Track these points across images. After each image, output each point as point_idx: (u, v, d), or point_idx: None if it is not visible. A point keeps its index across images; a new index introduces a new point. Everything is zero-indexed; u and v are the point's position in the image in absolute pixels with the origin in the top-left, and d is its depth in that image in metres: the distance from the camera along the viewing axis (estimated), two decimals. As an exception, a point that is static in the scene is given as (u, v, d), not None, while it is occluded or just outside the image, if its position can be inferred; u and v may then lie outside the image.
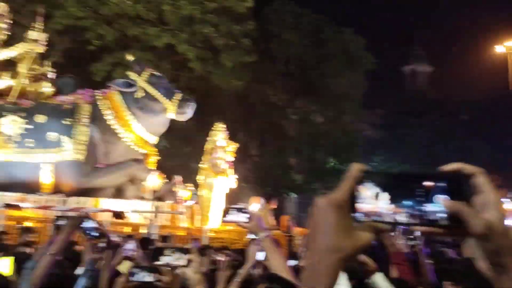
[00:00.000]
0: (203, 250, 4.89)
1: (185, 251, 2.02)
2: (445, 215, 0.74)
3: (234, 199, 12.89)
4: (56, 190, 9.64)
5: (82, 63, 13.92)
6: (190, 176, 11.97)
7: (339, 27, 23.70)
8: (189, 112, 10.42)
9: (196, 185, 11.87)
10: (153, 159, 10.84)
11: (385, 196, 0.78)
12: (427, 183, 0.76)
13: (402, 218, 0.75)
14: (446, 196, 0.75)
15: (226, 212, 2.29)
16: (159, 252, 2.00)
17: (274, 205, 11.58)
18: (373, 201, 0.78)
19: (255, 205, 11.00)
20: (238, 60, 16.52)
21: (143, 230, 8.79)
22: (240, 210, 2.23)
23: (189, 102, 10.35)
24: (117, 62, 16.39)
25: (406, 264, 3.16)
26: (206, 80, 17.24)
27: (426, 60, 48.20)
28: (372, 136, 38.65)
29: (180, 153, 17.53)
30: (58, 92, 10.60)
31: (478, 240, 0.73)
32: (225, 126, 11.03)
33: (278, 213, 12.59)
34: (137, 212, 9.37)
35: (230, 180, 10.77)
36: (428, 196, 0.76)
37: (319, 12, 23.34)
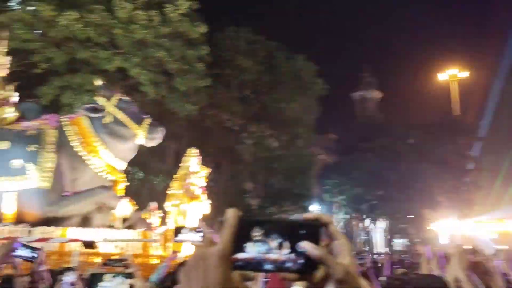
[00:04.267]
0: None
1: (127, 276, 1.85)
2: (301, 261, 0.80)
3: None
4: (19, 220, 9.06)
5: (28, 87, 13.36)
6: (144, 202, 11.61)
7: (292, 53, 24.30)
8: (158, 137, 10.20)
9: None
10: (122, 186, 10.44)
11: (287, 245, 0.83)
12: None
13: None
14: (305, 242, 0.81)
15: (178, 232, 2.20)
16: (97, 278, 1.82)
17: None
18: (278, 251, 0.82)
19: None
20: (191, 84, 16.47)
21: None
22: (193, 230, 2.19)
23: (159, 127, 10.16)
24: (65, 85, 15.91)
25: None
26: (160, 105, 17.03)
27: (375, 86, 50.19)
28: (325, 160, 39.42)
29: (133, 178, 17.04)
30: (22, 117, 10.08)
31: (337, 284, 0.78)
32: (198, 151, 10.94)
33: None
34: (109, 241, 8.98)
35: (204, 206, 10.62)
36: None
37: (272, 39, 23.89)
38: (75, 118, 10.01)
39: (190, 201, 10.33)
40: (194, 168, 10.66)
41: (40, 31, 15.60)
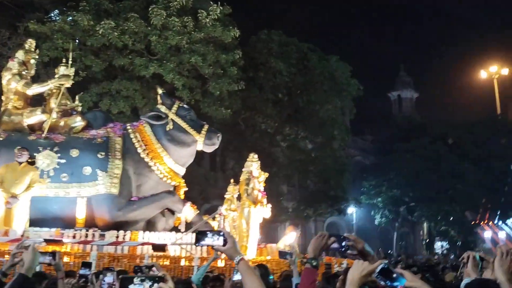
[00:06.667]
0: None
1: (157, 279, 1.83)
2: None
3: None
4: (89, 224, 9.45)
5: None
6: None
7: (325, 54, 24.06)
8: (217, 143, 10.58)
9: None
10: (183, 191, 10.83)
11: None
12: None
13: None
14: None
15: (200, 236, 2.14)
16: (127, 282, 1.81)
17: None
18: None
19: (292, 233, 11.09)
20: (225, 88, 16.58)
21: (182, 263, 8.69)
22: (215, 233, 2.11)
23: (217, 133, 10.54)
24: (103, 92, 16.37)
25: None
26: (195, 109, 17.20)
27: (412, 85, 48.98)
28: (362, 161, 38.78)
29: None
30: (88, 125, 10.54)
31: None
32: (256, 156, 11.16)
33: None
34: (177, 244, 9.20)
35: (266, 210, 10.84)
36: None
37: (305, 41, 23.72)
38: (139, 126, 10.36)
39: (254, 205, 10.53)
40: (255, 173, 10.88)
41: (79, 40, 16.12)
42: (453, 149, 32.89)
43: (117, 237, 8.99)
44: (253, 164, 10.85)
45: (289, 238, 11.08)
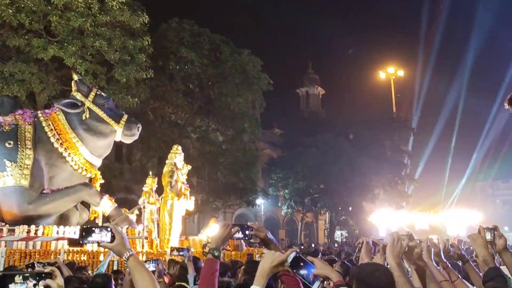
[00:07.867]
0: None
1: (42, 276, 1.63)
2: None
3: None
4: None
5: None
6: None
7: (237, 47, 24.22)
8: (137, 134, 10.18)
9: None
10: (99, 183, 10.34)
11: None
12: None
13: None
14: None
15: (86, 233, 2.00)
16: (8, 280, 1.58)
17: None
18: None
19: (215, 226, 11.06)
20: (133, 76, 15.95)
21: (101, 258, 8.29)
22: (103, 229, 1.96)
23: (137, 124, 10.15)
24: (-5, 74, 14.93)
25: None
26: (99, 96, 16.37)
27: (318, 82, 51.28)
28: (271, 154, 39.84)
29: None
30: None
31: None
32: (180, 148, 11.02)
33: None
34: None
35: (189, 202, 10.71)
36: None
37: (217, 32, 23.67)
38: (51, 114, 9.73)
39: (178, 198, 10.39)
40: (179, 165, 10.76)
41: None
42: (353, 144, 35.08)
43: (29, 232, 8.51)
44: (177, 156, 10.81)
45: (212, 230, 11.22)
